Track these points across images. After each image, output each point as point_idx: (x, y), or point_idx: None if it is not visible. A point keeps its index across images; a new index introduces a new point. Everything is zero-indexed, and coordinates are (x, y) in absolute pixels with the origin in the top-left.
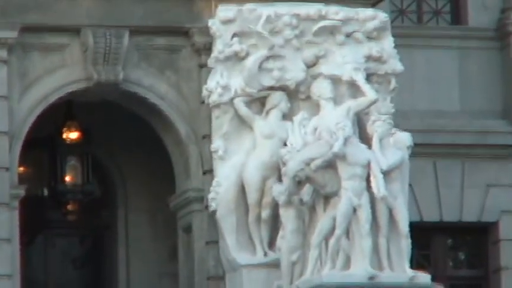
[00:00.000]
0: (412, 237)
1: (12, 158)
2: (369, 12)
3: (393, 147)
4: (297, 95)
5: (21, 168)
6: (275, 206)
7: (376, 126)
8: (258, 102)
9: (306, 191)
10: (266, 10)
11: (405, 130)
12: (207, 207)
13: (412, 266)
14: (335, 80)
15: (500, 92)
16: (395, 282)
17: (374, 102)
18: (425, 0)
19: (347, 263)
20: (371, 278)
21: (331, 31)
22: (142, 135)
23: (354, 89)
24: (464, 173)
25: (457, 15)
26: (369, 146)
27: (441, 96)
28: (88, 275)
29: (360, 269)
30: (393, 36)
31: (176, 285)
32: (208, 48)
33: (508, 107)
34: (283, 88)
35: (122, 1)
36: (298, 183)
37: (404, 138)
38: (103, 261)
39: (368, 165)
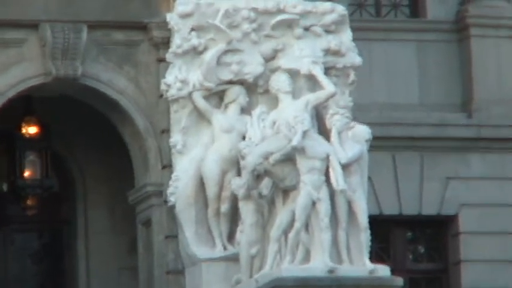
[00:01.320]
0: (371, 230)
1: None
2: (327, 5)
3: (352, 140)
4: (255, 89)
5: None
6: (234, 200)
7: (335, 119)
8: (217, 96)
9: (265, 185)
10: (224, 4)
11: (364, 123)
12: (166, 201)
13: (371, 259)
14: (293, 74)
15: (459, 84)
16: (355, 276)
17: (332, 95)
18: None
19: (306, 257)
20: (330, 271)
21: (289, 25)
22: (101, 129)
23: (312, 82)
24: (423, 166)
25: (416, 8)
26: (328, 140)
27: (400, 89)
28: (47, 270)
29: (319, 262)
30: (352, 29)
31: (136, 279)
32: (166, 43)
33: (467, 100)
34: (241, 82)
35: None
36: (257, 177)
37: (363, 132)
38: (62, 256)
39: (327, 159)
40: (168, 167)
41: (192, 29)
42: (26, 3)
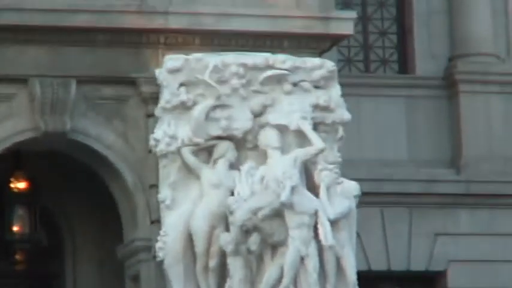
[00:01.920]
0: (359, 286)
1: None
2: (316, 61)
3: (340, 196)
4: (244, 144)
5: None
6: (223, 256)
7: (324, 175)
8: (206, 152)
9: (254, 240)
10: (213, 59)
11: (352, 179)
12: (154, 256)
13: None
14: (282, 129)
15: (448, 140)
16: None
17: (321, 151)
18: (372, 49)
19: None
20: None
21: (278, 80)
22: (90, 184)
23: (301, 138)
24: (411, 221)
25: (404, 64)
26: (316, 195)
27: (389, 145)
28: None
29: None
30: (340, 85)
31: None
32: (155, 98)
33: (456, 156)
34: (230, 137)
35: (69, 50)
36: (246, 232)
37: (352, 188)
38: None
39: (315, 214)
40: (156, 222)
41: (181, 84)
42: (15, 59)
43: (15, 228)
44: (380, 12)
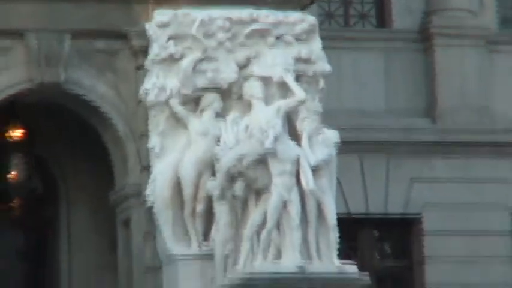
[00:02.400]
0: (339, 229)
1: None
2: (297, 15)
3: (321, 144)
4: (229, 95)
5: None
6: (209, 201)
7: (305, 124)
8: (193, 102)
9: (239, 186)
10: (200, 14)
11: (333, 128)
12: (144, 201)
13: (339, 257)
14: (266, 81)
15: (424, 91)
16: (324, 273)
17: (303, 101)
18: (351, 4)
19: (278, 255)
20: (300, 268)
21: (262, 34)
22: (84, 134)
23: (284, 89)
24: (389, 168)
25: (382, 19)
26: (298, 143)
27: (367, 96)
28: (32, 267)
29: (290, 260)
30: (321, 38)
31: (116, 276)
32: (145, 51)
33: (431, 106)
34: (216, 88)
35: (62, 5)
36: (231, 178)
37: (332, 136)
38: (46, 254)
39: (297, 161)
40: (146, 169)
41: (170, 38)
42: (11, 13)
43: (11, 176)
44: None
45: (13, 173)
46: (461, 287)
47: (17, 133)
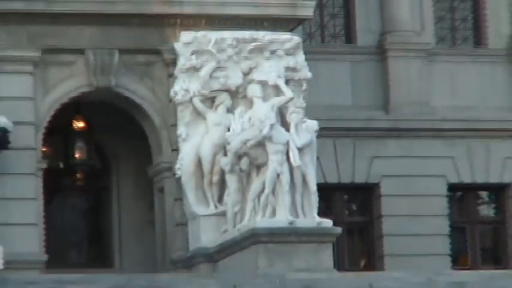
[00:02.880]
0: (319, 194)
1: (37, 141)
2: (286, 35)
3: (305, 131)
4: (236, 95)
5: (44, 149)
6: (222, 173)
7: (293, 116)
8: (210, 101)
9: (244, 162)
10: (214, 35)
11: (313, 119)
12: (174, 174)
13: (319, 215)
14: (263, 84)
15: (380, 91)
16: (307, 226)
17: (291, 99)
18: (326, 27)
19: (273, 213)
20: (290, 223)
21: (260, 49)
22: (129, 124)
23: (277, 90)
24: (355, 148)
25: (349, 38)
26: (288, 130)
27: (338, 95)
28: (91, 223)
29: (282, 216)
30: (304, 52)
31: (153, 229)
32: (174, 63)
33: (385, 102)
34: (227, 90)
35: (112, 29)
36: (238, 156)
37: (313, 125)
38: (102, 213)
39: (287, 144)
40: (175, 150)
41: (192, 53)
42: (75, 36)
43: (76, 156)
44: (332, 1)
45: (78, 154)
46: (408, 235)
47: (80, 124)
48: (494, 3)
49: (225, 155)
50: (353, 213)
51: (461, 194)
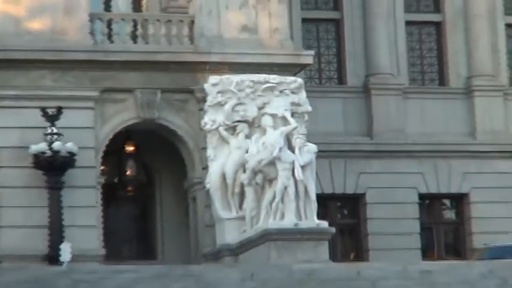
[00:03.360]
0: (317, 202)
1: (97, 161)
2: (292, 78)
3: (306, 152)
4: (253, 125)
5: (102, 167)
6: (242, 186)
7: (297, 141)
8: (232, 129)
9: (259, 178)
10: (235, 78)
11: (312, 143)
12: (204, 187)
13: (318, 218)
14: (274, 116)
15: (365, 121)
16: (309, 227)
17: (295, 128)
18: (323, 71)
19: (282, 217)
20: (295, 224)
21: (271, 89)
22: (169, 147)
23: (285, 120)
24: (346, 166)
25: (341, 79)
26: (293, 152)
27: (332, 124)
28: (139, 225)
29: (289, 219)
30: (306, 91)
31: (188, 230)
32: (204, 100)
33: (370, 129)
34: (245, 121)
35: (155, 73)
36: (255, 173)
37: (313, 148)
38: (147, 217)
39: (293, 163)
40: (205, 168)
41: (218, 92)
42: (126, 78)
43: (127, 173)
44: (327, 51)
45: (129, 171)
46: (388, 234)
47: (130, 148)
48: (454, 52)
49: (244, 172)
50: (344, 217)
51: (429, 202)
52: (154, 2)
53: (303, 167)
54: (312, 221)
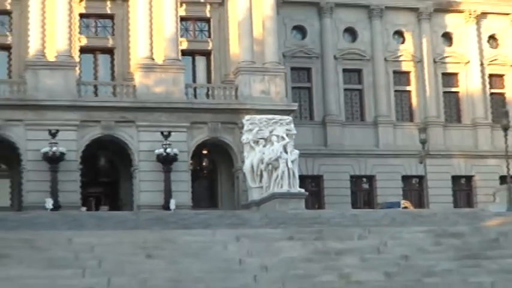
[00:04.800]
0: (299, 179)
1: (188, 158)
2: (286, 117)
3: (294, 154)
4: (267, 140)
5: (191, 161)
6: (261, 171)
7: (289, 148)
8: (256, 142)
9: (269, 167)
10: (258, 117)
11: (296, 149)
12: (242, 171)
13: (299, 187)
14: (277, 136)
15: (323, 139)
16: (295, 192)
17: (288, 142)
18: (302, 112)
19: (281, 186)
20: (288, 190)
21: (276, 121)
22: (224, 151)
23: (283, 138)
24: (313, 161)
25: (311, 117)
26: (286, 153)
27: (306, 140)
28: (210, 191)
29: (285, 188)
30: (294, 123)
31: (234, 192)
32: (242, 127)
33: (325, 142)
34: (263, 138)
35: (218, 114)
36: (268, 164)
37: (297, 152)
38: (214, 187)
39: (286, 159)
40: (243, 162)
41: (249, 124)
42: (203, 116)
43: (203, 164)
44: (305, 103)
45: (204, 163)
46: (333, 195)
47: (205, 151)
48: (369, 100)
49: (262, 163)
50: (312, 187)
51: (355, 179)
52: (217, 76)
53: (292, 162)
54: (296, 189)
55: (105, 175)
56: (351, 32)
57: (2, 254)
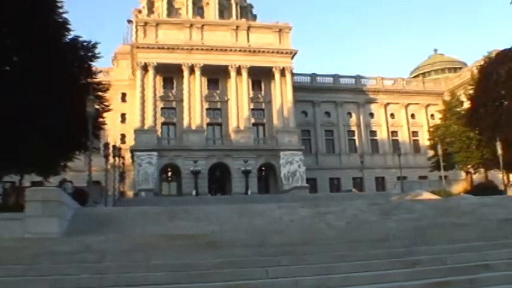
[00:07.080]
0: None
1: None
2: (299, 153)
3: (302, 169)
4: (290, 165)
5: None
6: (287, 177)
7: (298, 168)
8: (286, 166)
9: (290, 174)
10: (285, 153)
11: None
12: (280, 177)
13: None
14: (296, 163)
15: (315, 162)
16: (303, 185)
17: (299, 164)
18: (306, 150)
19: (297, 183)
20: (300, 185)
21: (293, 157)
22: (272, 169)
23: (298, 162)
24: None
25: (310, 151)
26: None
27: (307, 163)
28: (264, 187)
29: (300, 184)
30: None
31: (277, 186)
32: (279, 158)
33: (316, 163)
34: (288, 163)
35: (262, 151)
36: (290, 173)
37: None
38: (268, 184)
39: (296, 171)
40: (280, 173)
41: (282, 158)
42: (251, 153)
43: (262, 174)
44: (305, 145)
45: (263, 173)
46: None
47: (262, 168)
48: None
49: (289, 173)
50: (311, 184)
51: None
52: (268, 134)
53: (302, 172)
54: (304, 184)
55: (218, 180)
56: (328, 114)
57: (174, 216)
